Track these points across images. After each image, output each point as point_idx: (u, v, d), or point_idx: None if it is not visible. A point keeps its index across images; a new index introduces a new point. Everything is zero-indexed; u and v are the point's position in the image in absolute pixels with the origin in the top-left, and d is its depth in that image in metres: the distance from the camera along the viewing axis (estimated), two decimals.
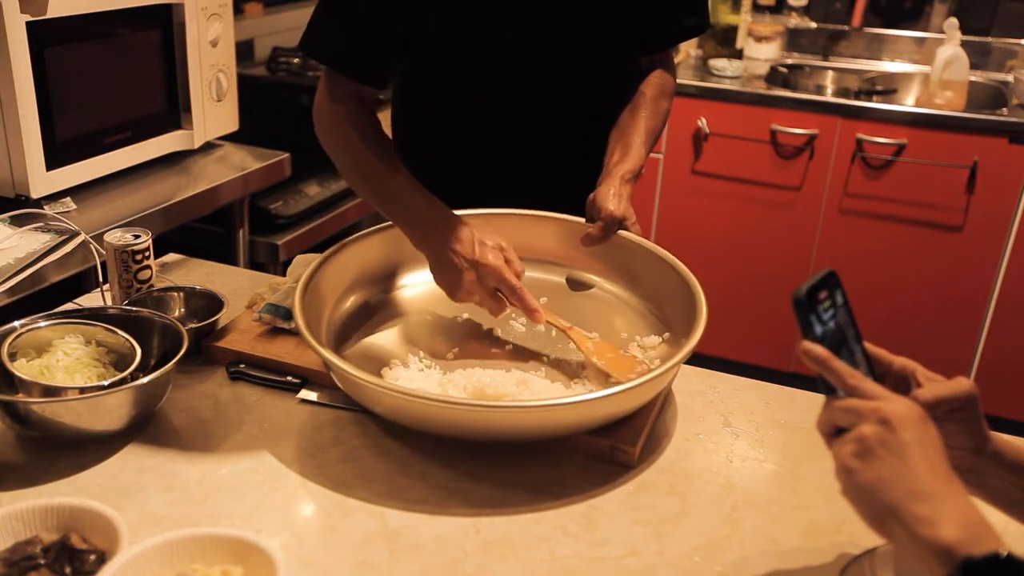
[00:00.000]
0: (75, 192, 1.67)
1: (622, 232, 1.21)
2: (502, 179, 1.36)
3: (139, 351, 1.05)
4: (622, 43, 1.32)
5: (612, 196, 1.20)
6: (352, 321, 1.19)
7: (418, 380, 1.05)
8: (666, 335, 1.14)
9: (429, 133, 1.40)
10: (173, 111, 1.88)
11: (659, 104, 1.34)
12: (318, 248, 1.87)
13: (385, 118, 1.32)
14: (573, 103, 1.34)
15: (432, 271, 1.16)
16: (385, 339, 1.17)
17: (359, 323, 1.19)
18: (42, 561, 0.76)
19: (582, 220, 1.26)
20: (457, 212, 1.21)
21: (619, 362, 1.09)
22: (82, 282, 1.52)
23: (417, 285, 1.27)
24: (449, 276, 1.13)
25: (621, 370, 1.06)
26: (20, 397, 0.98)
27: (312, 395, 1.10)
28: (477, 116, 1.35)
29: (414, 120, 1.42)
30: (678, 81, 1.44)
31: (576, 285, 1.28)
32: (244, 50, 2.67)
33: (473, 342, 1.17)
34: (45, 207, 1.59)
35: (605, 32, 1.29)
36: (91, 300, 1.33)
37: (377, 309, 1.23)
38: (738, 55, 2.93)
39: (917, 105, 2.67)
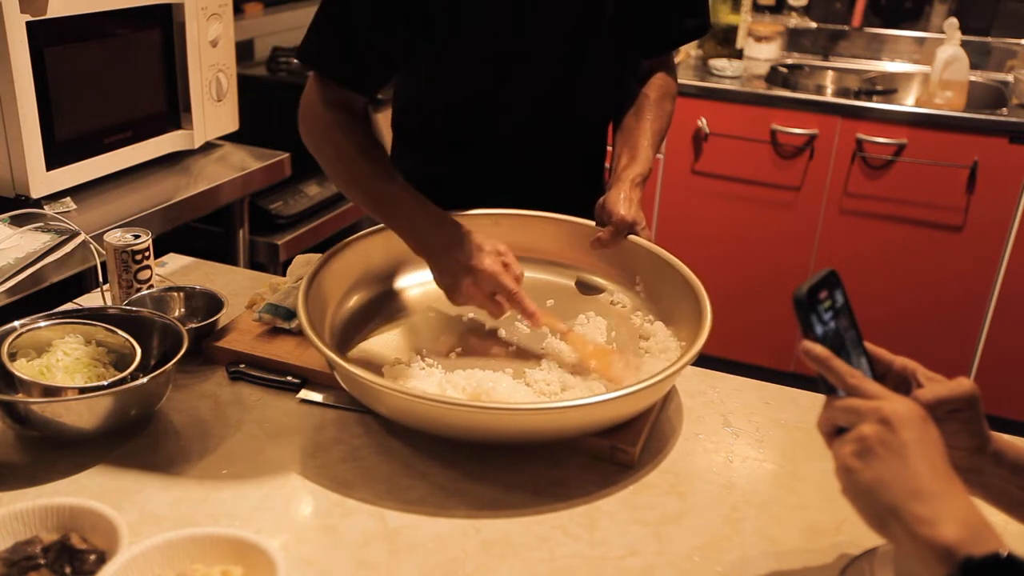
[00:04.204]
0: (75, 192, 1.67)
1: (631, 237, 1.22)
2: (504, 182, 1.36)
3: (139, 351, 1.05)
4: (624, 46, 1.32)
5: (622, 200, 1.20)
6: (355, 320, 1.19)
7: (418, 380, 1.05)
8: (672, 338, 1.14)
9: (431, 137, 1.40)
10: (173, 111, 1.88)
11: (663, 106, 1.34)
12: (318, 248, 1.87)
13: (384, 118, 1.32)
14: (575, 106, 1.34)
15: (433, 275, 1.16)
16: (387, 338, 1.17)
17: (362, 322, 1.19)
18: (42, 561, 0.76)
19: (592, 223, 1.26)
20: (469, 212, 1.21)
21: (613, 366, 1.09)
22: (82, 282, 1.52)
23: (419, 284, 1.27)
24: (448, 281, 1.13)
25: (615, 375, 1.07)
26: (20, 397, 0.98)
27: (312, 395, 1.10)
28: (479, 120, 1.35)
29: (417, 123, 1.42)
30: (678, 81, 1.44)
31: (586, 289, 1.28)
32: (244, 50, 2.67)
33: (476, 342, 1.17)
34: (45, 207, 1.59)
35: (606, 35, 1.29)
36: (91, 300, 1.32)
37: (379, 308, 1.23)
38: (738, 55, 2.93)
39: (917, 105, 2.67)
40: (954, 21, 2.59)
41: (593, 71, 1.31)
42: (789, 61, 3.01)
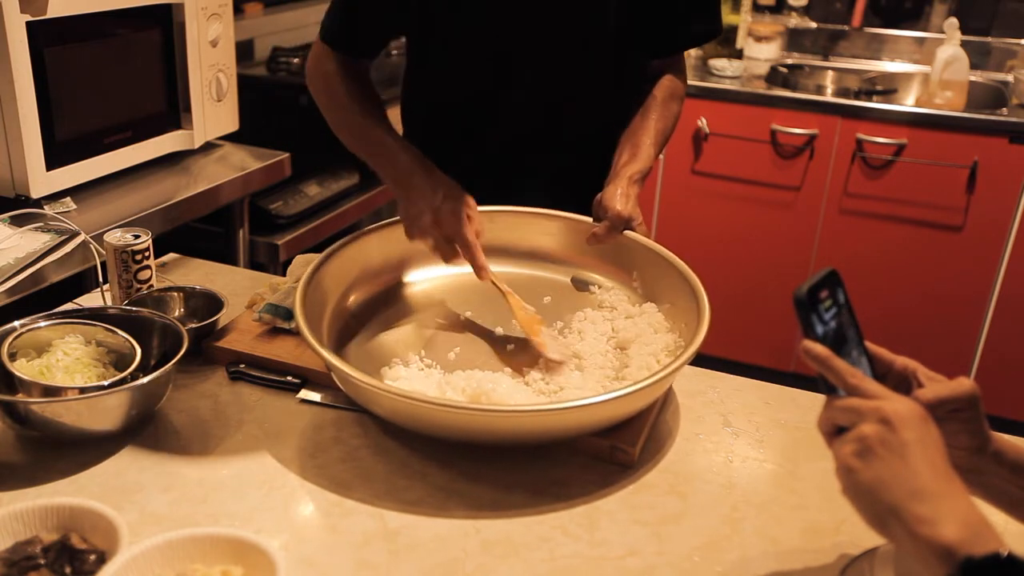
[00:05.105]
0: (75, 192, 1.67)
1: (628, 233, 1.21)
2: (506, 181, 1.37)
3: (139, 351, 1.05)
4: (633, 46, 1.32)
5: (619, 196, 1.20)
6: (353, 320, 1.19)
7: (417, 381, 1.05)
8: (669, 335, 1.14)
9: (434, 135, 1.40)
10: (173, 111, 1.88)
11: (669, 107, 1.34)
12: (318, 248, 1.86)
13: (392, 114, 1.33)
14: (576, 106, 1.34)
15: (398, 209, 1.19)
16: (386, 338, 1.17)
17: (360, 322, 1.19)
18: (42, 561, 0.76)
19: (589, 219, 1.26)
20: None
21: (540, 333, 1.14)
22: (82, 282, 1.52)
23: (419, 284, 1.27)
24: (412, 214, 1.16)
25: (539, 341, 1.12)
26: (20, 397, 0.98)
27: (312, 395, 1.10)
28: (480, 119, 1.35)
29: (420, 122, 1.42)
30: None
31: (582, 285, 1.28)
32: (244, 50, 2.67)
33: (474, 342, 1.17)
34: (45, 207, 1.58)
35: (616, 35, 1.29)
36: (91, 300, 1.32)
37: (378, 308, 1.23)
38: (738, 55, 2.93)
39: (917, 105, 2.67)
40: (954, 21, 2.59)
41: (594, 72, 1.31)
42: (789, 61, 3.01)
